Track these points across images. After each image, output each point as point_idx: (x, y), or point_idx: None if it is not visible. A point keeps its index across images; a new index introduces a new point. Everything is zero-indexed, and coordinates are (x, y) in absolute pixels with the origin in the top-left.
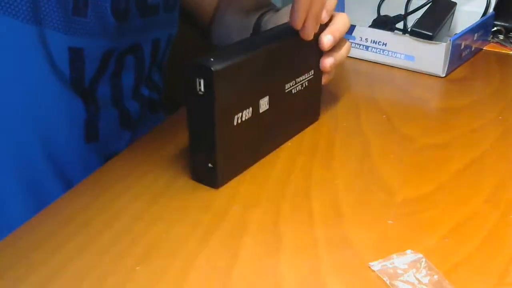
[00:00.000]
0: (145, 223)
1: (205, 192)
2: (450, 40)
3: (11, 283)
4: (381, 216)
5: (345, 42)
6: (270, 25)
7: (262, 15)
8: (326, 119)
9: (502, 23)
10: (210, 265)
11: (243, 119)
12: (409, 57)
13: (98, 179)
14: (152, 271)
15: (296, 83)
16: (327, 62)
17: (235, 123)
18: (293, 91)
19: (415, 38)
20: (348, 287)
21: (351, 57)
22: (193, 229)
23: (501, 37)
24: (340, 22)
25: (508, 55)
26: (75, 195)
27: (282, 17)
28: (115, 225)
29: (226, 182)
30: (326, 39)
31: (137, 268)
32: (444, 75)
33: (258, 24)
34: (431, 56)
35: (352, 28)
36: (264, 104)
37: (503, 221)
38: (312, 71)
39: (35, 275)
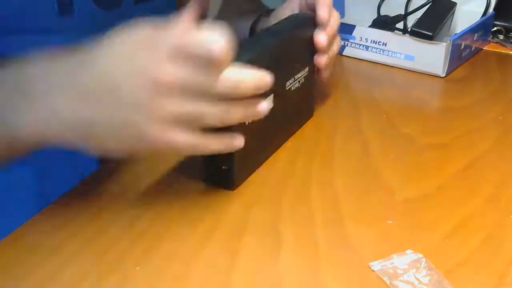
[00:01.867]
0: (145, 223)
1: (205, 192)
2: (450, 40)
3: (11, 283)
4: (381, 216)
5: (336, 37)
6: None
7: (257, 19)
8: (326, 119)
9: (502, 23)
10: (210, 265)
11: None
12: (409, 57)
13: (98, 179)
14: (152, 271)
15: (294, 80)
16: (322, 59)
17: (246, 123)
18: (292, 88)
19: (415, 38)
20: (348, 287)
21: (351, 57)
22: (193, 229)
23: (501, 37)
24: (333, 20)
25: (508, 55)
26: (75, 195)
27: (275, 19)
28: (115, 225)
29: (240, 184)
30: (322, 39)
31: (137, 268)
32: (444, 75)
33: (253, 28)
34: (431, 56)
35: (352, 28)
36: (269, 102)
37: (503, 221)
38: (307, 67)
39: (35, 275)
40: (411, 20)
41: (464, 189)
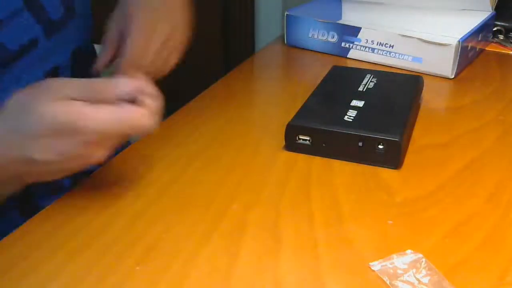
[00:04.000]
0: (145, 223)
1: (205, 192)
2: (459, 41)
3: (11, 283)
4: (381, 216)
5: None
6: None
7: None
8: None
9: (502, 23)
10: (210, 265)
11: None
12: (417, 59)
13: (98, 179)
14: (152, 271)
15: None
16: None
17: None
18: None
19: (422, 39)
20: (348, 287)
21: (356, 59)
22: (193, 229)
23: (501, 37)
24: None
25: (508, 55)
26: (75, 195)
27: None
28: (115, 225)
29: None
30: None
31: (137, 268)
32: (453, 77)
33: None
34: (439, 58)
35: (357, 30)
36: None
37: (503, 221)
38: None
39: (35, 275)
40: None
41: (464, 189)
